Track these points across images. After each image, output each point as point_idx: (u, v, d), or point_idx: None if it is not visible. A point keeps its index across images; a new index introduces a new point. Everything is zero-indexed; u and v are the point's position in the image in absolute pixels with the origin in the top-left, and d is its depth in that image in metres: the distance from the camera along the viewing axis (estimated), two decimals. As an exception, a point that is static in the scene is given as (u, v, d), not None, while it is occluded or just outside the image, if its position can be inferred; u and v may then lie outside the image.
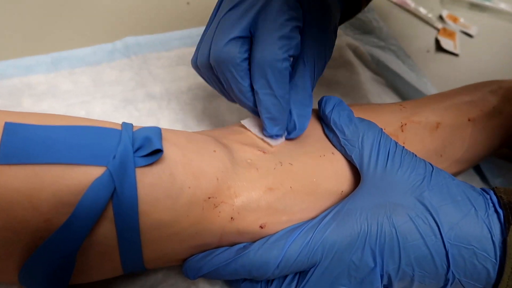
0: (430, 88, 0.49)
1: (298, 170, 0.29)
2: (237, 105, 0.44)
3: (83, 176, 0.22)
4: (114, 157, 0.23)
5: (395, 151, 0.28)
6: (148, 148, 0.23)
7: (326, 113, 0.30)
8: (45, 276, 0.22)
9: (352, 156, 0.29)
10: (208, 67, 0.30)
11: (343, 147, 0.29)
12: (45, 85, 0.42)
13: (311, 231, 0.26)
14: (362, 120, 0.30)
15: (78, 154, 0.22)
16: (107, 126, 0.25)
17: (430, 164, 0.28)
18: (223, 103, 0.44)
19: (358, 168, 0.28)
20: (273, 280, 0.27)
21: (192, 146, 0.27)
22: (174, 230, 0.25)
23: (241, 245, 0.27)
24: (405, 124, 0.33)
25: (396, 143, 0.28)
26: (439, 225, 0.25)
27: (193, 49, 0.48)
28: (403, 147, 0.28)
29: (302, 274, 0.27)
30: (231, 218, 0.26)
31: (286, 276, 0.27)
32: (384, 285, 0.27)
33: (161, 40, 0.48)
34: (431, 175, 0.27)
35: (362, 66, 0.50)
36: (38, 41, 0.48)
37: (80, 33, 0.49)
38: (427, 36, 0.59)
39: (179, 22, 0.52)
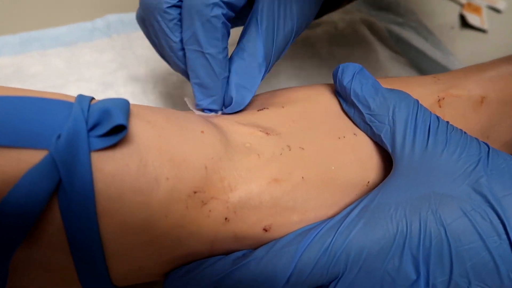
0: (459, 66, 0.42)
1: (311, 155, 0.22)
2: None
3: (13, 163, 0.16)
4: (58, 137, 0.16)
5: (438, 127, 0.21)
6: (108, 124, 0.17)
7: (345, 83, 0.24)
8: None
9: (381, 136, 0.22)
10: (142, 19, 0.24)
11: (368, 124, 0.23)
12: (11, 67, 0.36)
13: (330, 233, 0.20)
14: (391, 90, 0.23)
15: (8, 133, 0.16)
16: (56, 98, 0.18)
17: (485, 143, 0.21)
18: (219, 85, 0.37)
19: (389, 150, 0.22)
20: None
21: (172, 126, 0.20)
22: (149, 237, 0.19)
23: (240, 253, 0.21)
24: (443, 98, 0.26)
25: (438, 117, 0.22)
26: (505, 222, 0.18)
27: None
28: (448, 122, 0.22)
29: None
30: (225, 219, 0.20)
31: None
32: None
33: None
34: (488, 157, 0.20)
35: (379, 44, 0.44)
36: (6, 20, 0.42)
37: (55, 11, 0.43)
38: (450, 12, 0.52)
39: None
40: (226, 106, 0.24)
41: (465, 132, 0.22)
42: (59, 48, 0.39)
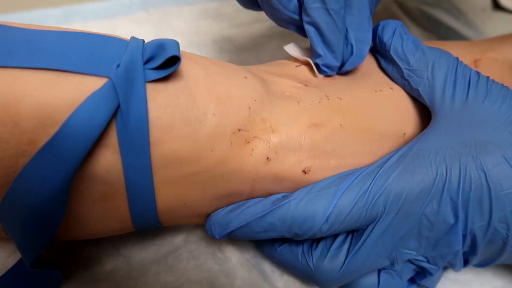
0: (491, 44, 0.42)
1: (348, 105, 0.23)
2: (267, 58, 0.39)
3: (77, 87, 0.17)
4: (118, 66, 0.18)
5: (478, 80, 0.22)
6: (162, 56, 0.18)
7: (385, 39, 0.24)
8: (26, 217, 0.17)
9: (420, 90, 0.23)
10: None
11: (406, 80, 0.23)
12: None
13: (370, 177, 0.20)
14: (430, 47, 0.24)
15: (72, 60, 0.17)
16: (112, 36, 0.20)
17: None
18: (252, 56, 0.38)
19: (428, 103, 0.22)
20: (318, 241, 0.22)
21: (218, 68, 0.21)
22: (195, 169, 0.20)
23: (279, 195, 0.21)
24: (479, 60, 0.27)
25: (478, 72, 0.22)
26: None
27: (218, 4, 0.44)
28: (488, 77, 0.22)
29: (356, 233, 0.21)
30: (267, 158, 0.21)
31: (335, 237, 0.21)
32: (464, 251, 0.21)
33: (183, -6, 0.43)
34: None
35: (410, 22, 0.44)
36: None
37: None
38: (482, -6, 0.52)
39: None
40: (343, 61, 0.24)
41: (505, 86, 0.22)
42: (99, 20, 0.40)
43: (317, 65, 0.24)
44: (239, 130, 0.20)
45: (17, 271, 0.20)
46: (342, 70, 0.24)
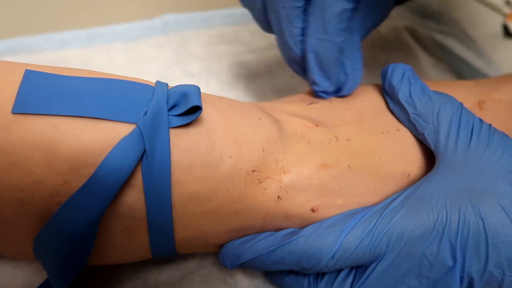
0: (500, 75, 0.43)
1: (356, 146, 0.24)
2: (282, 84, 0.40)
3: (108, 133, 0.19)
4: (145, 113, 0.19)
5: (481, 128, 0.23)
6: (185, 105, 0.20)
7: (394, 83, 0.25)
8: (61, 249, 0.19)
9: (425, 134, 0.24)
10: (262, 4, 0.27)
11: (412, 123, 0.25)
12: (79, 59, 0.40)
13: (375, 217, 0.21)
14: (437, 92, 0.25)
15: (103, 108, 0.19)
16: (140, 82, 0.21)
17: None
18: (266, 82, 0.40)
19: (433, 147, 0.24)
20: (323, 274, 0.23)
21: (235, 111, 0.23)
22: (211, 207, 0.21)
23: (288, 231, 0.23)
24: (484, 102, 0.28)
25: (481, 119, 0.24)
26: None
27: (235, 28, 0.45)
28: (490, 124, 0.23)
29: (360, 269, 0.22)
30: (278, 197, 0.22)
31: (340, 271, 0.23)
32: None
33: (201, 18, 0.45)
34: None
35: (421, 50, 0.45)
36: (74, 16, 0.46)
37: (117, 10, 0.47)
38: (493, 22, 0.52)
39: (220, 1, 0.48)
40: (339, 87, 0.27)
41: (506, 135, 0.23)
42: (121, 43, 0.42)
43: (314, 91, 0.27)
44: (253, 171, 0.22)
45: None
46: (338, 95, 0.27)
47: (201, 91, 0.38)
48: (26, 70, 0.19)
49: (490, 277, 0.21)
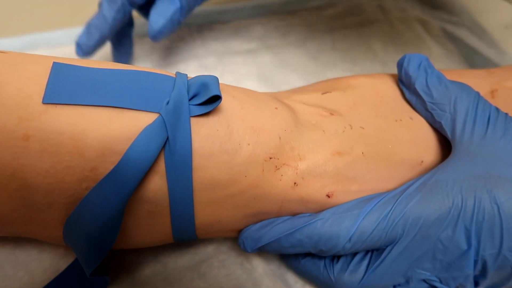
0: (513, 65, 0.43)
1: (370, 134, 0.25)
2: (294, 76, 0.41)
3: (133, 122, 0.20)
4: (167, 103, 0.20)
5: (497, 117, 0.23)
6: (205, 95, 0.21)
7: (410, 73, 0.26)
8: (89, 233, 0.20)
9: (442, 123, 0.24)
10: None
11: (429, 112, 0.25)
12: (98, 53, 0.41)
13: (391, 202, 0.22)
14: (453, 82, 0.25)
15: (128, 98, 0.20)
16: (161, 73, 0.22)
17: None
18: (280, 74, 0.41)
19: (449, 135, 0.24)
20: (339, 257, 0.24)
21: (252, 100, 0.24)
22: (230, 192, 0.22)
23: (306, 215, 0.23)
24: (496, 90, 0.28)
25: (497, 108, 0.24)
26: None
27: (248, 22, 0.46)
28: (507, 113, 0.24)
29: (376, 252, 0.23)
30: (294, 183, 0.23)
31: (355, 254, 0.24)
32: (475, 275, 0.22)
33: (216, 12, 0.46)
34: None
35: (433, 41, 0.45)
36: (93, 11, 0.47)
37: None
38: (505, 11, 0.52)
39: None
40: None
41: None
42: (139, 37, 0.43)
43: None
44: (270, 158, 0.22)
45: (69, 274, 0.23)
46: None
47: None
48: (54, 62, 0.20)
49: (504, 261, 0.21)
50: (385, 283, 0.23)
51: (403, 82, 0.27)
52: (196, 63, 0.41)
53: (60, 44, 0.41)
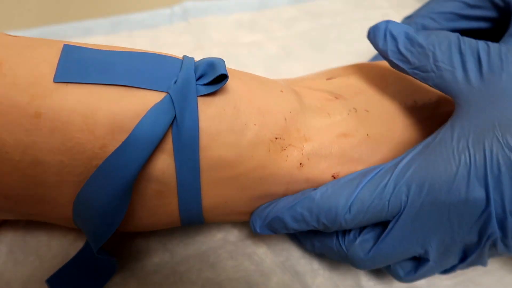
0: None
1: (375, 117, 0.25)
2: (298, 67, 0.41)
3: (142, 100, 0.20)
4: (175, 82, 0.21)
5: (489, 52, 0.21)
6: (212, 74, 0.21)
7: (380, 46, 0.24)
8: (98, 209, 0.20)
9: (430, 84, 0.22)
10: None
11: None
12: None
13: (391, 169, 0.21)
14: (427, 34, 0.23)
15: (137, 77, 0.20)
16: (169, 55, 0.23)
17: None
18: (285, 66, 0.41)
19: (445, 93, 0.22)
20: (350, 230, 0.23)
21: (258, 83, 0.24)
22: (236, 172, 0.22)
23: (309, 190, 0.23)
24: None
25: (485, 42, 0.21)
26: None
27: (253, 14, 0.46)
28: (501, 44, 0.21)
29: (386, 224, 0.22)
30: (300, 164, 0.23)
31: (364, 228, 0.23)
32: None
33: (219, 5, 0.46)
34: None
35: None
36: (98, 5, 0.47)
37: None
38: None
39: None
40: None
41: None
42: (144, 30, 0.44)
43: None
44: (276, 138, 0.23)
45: (79, 259, 0.23)
46: None
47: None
48: (64, 44, 0.21)
49: None
50: (399, 253, 0.22)
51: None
52: (201, 55, 0.41)
53: (69, 37, 0.42)
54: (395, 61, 0.24)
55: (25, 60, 0.20)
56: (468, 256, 0.22)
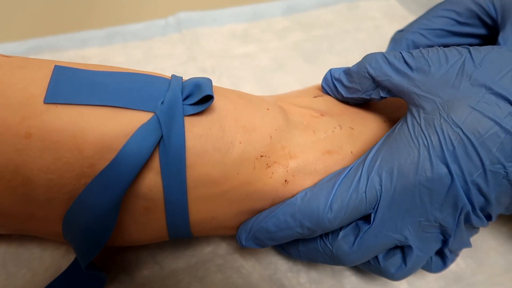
0: None
1: (359, 134, 0.26)
2: (291, 79, 0.42)
3: (129, 121, 0.21)
4: (162, 102, 0.21)
5: (412, 55, 0.24)
6: (198, 94, 0.22)
7: (334, 92, 0.28)
8: (86, 225, 0.21)
9: (383, 96, 0.25)
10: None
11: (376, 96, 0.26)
12: (98, 57, 0.42)
13: (361, 164, 0.22)
14: (358, 62, 0.26)
15: (125, 98, 0.21)
16: (157, 75, 0.23)
17: (464, 46, 0.23)
18: (277, 77, 0.42)
19: (397, 97, 0.25)
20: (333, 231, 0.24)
21: (244, 101, 0.25)
22: (222, 189, 0.23)
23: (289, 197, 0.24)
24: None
25: (408, 51, 0.24)
26: (510, 99, 0.20)
27: (245, 25, 0.47)
28: (421, 48, 0.24)
29: (367, 218, 0.23)
30: (285, 180, 0.24)
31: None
32: (480, 206, 0.22)
33: (213, 16, 0.47)
34: (471, 54, 0.22)
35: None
36: (93, 16, 0.48)
37: (133, 9, 0.49)
38: None
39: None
40: None
41: (440, 46, 0.24)
42: (138, 41, 0.44)
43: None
44: (261, 156, 0.23)
45: (70, 273, 0.24)
46: None
47: (214, 84, 0.40)
48: (55, 65, 0.21)
49: (494, 176, 0.20)
50: (381, 242, 0.23)
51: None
52: (194, 67, 0.42)
53: (64, 48, 0.43)
54: (349, 96, 0.27)
55: (17, 82, 0.20)
56: (447, 238, 0.23)
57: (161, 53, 0.43)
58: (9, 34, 0.44)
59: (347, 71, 0.27)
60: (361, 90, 0.26)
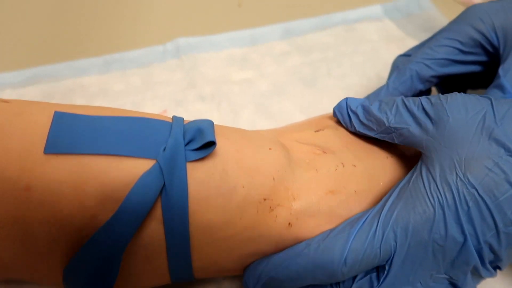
0: None
1: (362, 172, 0.26)
2: (290, 105, 0.41)
3: (131, 169, 0.20)
4: (164, 149, 0.21)
5: (431, 102, 0.24)
6: (200, 140, 0.21)
7: (347, 123, 0.28)
8: (88, 278, 0.20)
9: (396, 142, 0.25)
10: None
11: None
12: (97, 86, 0.42)
13: (376, 217, 0.22)
14: (379, 103, 0.26)
15: (126, 146, 0.21)
16: (157, 118, 0.23)
17: (486, 97, 0.23)
18: (276, 104, 0.41)
19: (411, 146, 0.25)
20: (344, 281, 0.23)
21: (246, 142, 0.24)
22: (225, 234, 0.23)
23: (302, 243, 0.23)
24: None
25: (427, 97, 0.25)
26: None
27: (243, 50, 0.47)
28: (440, 94, 0.24)
29: (380, 269, 0.23)
30: (289, 223, 0.23)
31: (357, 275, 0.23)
32: (490, 261, 0.22)
33: (211, 41, 0.47)
34: (493, 107, 0.22)
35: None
36: (91, 44, 0.48)
37: (131, 36, 0.49)
38: None
39: (230, 24, 0.50)
40: None
41: (461, 93, 0.24)
42: (136, 68, 0.44)
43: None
44: (265, 199, 0.23)
45: None
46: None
47: (213, 113, 0.40)
48: (55, 112, 0.21)
49: (507, 237, 0.21)
50: None
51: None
52: (194, 93, 0.42)
53: (62, 77, 0.42)
54: (362, 131, 0.27)
55: (16, 131, 0.20)
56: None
57: (160, 79, 0.43)
58: (7, 64, 0.43)
59: (366, 108, 0.27)
60: (376, 131, 0.26)
